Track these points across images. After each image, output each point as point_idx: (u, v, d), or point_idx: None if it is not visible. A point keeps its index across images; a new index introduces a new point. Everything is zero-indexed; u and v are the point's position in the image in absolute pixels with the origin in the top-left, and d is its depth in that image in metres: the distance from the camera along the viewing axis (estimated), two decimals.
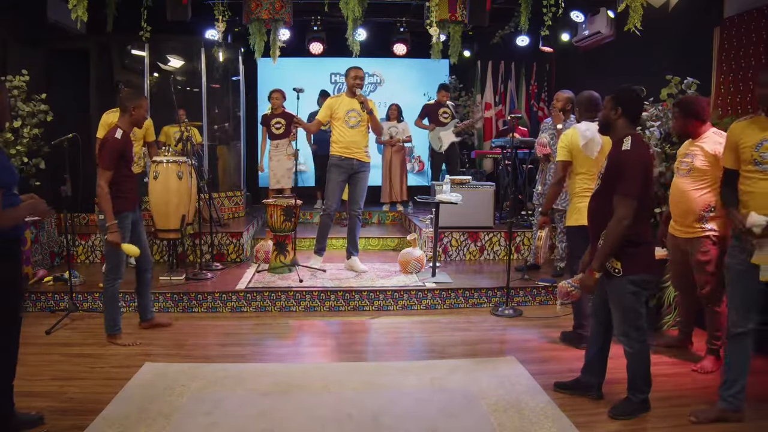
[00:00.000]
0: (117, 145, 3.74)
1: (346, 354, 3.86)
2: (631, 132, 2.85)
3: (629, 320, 2.85)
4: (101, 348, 3.82)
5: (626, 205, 2.72)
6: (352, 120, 5.20)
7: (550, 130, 5.20)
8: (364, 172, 5.33)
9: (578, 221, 3.81)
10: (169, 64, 7.21)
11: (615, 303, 2.89)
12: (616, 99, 2.86)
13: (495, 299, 4.89)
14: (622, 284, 2.82)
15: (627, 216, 2.71)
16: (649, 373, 2.94)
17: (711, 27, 5.15)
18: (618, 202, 2.74)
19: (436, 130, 7.50)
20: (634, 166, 2.74)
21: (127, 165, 3.87)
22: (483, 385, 3.28)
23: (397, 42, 8.28)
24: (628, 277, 2.81)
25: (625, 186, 2.73)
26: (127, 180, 3.87)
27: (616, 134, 2.88)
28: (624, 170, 2.75)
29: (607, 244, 2.78)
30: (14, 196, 2.63)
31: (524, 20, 6.30)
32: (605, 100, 2.92)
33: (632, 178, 2.73)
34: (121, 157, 3.77)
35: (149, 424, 2.79)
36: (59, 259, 5.52)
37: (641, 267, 2.84)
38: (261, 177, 7.77)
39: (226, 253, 5.93)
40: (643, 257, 2.85)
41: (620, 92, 2.88)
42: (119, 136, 3.77)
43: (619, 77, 6.22)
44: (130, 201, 3.88)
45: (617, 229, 2.73)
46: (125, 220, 3.83)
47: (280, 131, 6.99)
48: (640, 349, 2.88)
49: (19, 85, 5.28)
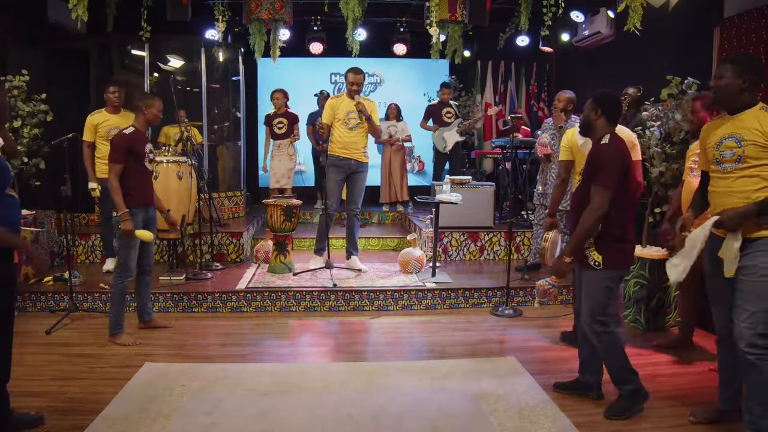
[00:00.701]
0: (123, 140, 3.78)
1: (346, 354, 3.86)
2: (610, 131, 2.94)
3: (596, 312, 2.90)
4: (101, 348, 3.82)
5: (602, 195, 2.79)
6: (351, 121, 5.21)
7: (550, 130, 5.20)
8: (362, 173, 5.35)
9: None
10: (169, 64, 7.21)
11: (587, 294, 2.94)
12: (597, 101, 2.96)
13: (495, 299, 4.89)
14: (599, 278, 2.88)
15: (602, 205, 2.78)
16: (627, 361, 2.94)
17: (711, 27, 5.15)
18: (594, 192, 2.81)
19: (440, 130, 7.50)
20: (611, 159, 2.83)
21: (137, 161, 3.85)
22: (483, 385, 3.28)
23: (397, 42, 8.28)
24: (607, 271, 2.87)
25: (602, 176, 2.81)
26: (138, 176, 3.86)
27: (596, 134, 2.97)
28: (602, 163, 2.84)
29: (580, 231, 2.85)
30: (8, 197, 2.58)
31: (524, 20, 6.31)
32: (586, 103, 3.01)
33: (609, 169, 2.81)
34: (129, 153, 3.79)
35: (149, 424, 2.79)
36: (59, 259, 5.52)
37: (621, 263, 2.93)
38: (261, 177, 7.78)
39: (226, 253, 5.93)
40: (624, 254, 2.93)
41: (600, 95, 2.98)
42: (128, 132, 3.83)
43: (620, 77, 6.25)
44: (141, 197, 3.88)
45: (591, 217, 2.80)
46: (134, 216, 3.81)
47: (282, 131, 7.02)
48: (608, 341, 2.90)
49: (19, 85, 5.28)
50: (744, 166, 2.52)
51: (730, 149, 2.55)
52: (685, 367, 3.61)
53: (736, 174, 2.55)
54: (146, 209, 3.95)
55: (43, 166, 5.42)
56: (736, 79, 2.53)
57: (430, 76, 9.27)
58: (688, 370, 3.58)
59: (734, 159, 2.54)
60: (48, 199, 5.60)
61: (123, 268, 3.87)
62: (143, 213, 3.91)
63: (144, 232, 3.81)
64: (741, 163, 2.52)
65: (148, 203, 3.97)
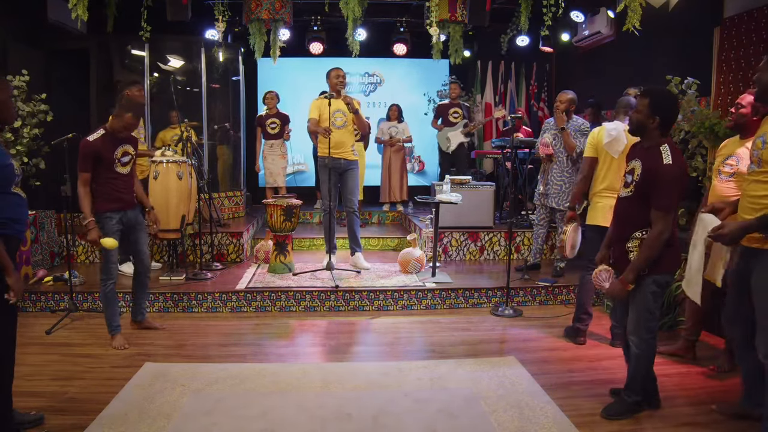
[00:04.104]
0: (89, 148, 3.67)
1: (346, 354, 3.86)
2: (667, 141, 2.79)
3: (644, 320, 2.85)
4: (101, 348, 3.82)
5: (666, 221, 2.71)
6: (338, 121, 5.30)
7: (552, 130, 5.20)
8: (353, 170, 5.45)
9: (595, 220, 3.81)
10: (169, 64, 7.21)
11: (635, 301, 2.88)
12: (655, 103, 2.76)
13: (495, 299, 4.89)
14: (646, 283, 2.82)
15: (666, 230, 2.71)
16: (647, 378, 2.95)
17: (711, 27, 5.15)
18: (657, 217, 2.72)
19: (445, 130, 7.50)
20: (674, 181, 2.70)
21: (107, 167, 3.73)
22: (483, 385, 3.28)
23: (397, 42, 8.28)
24: (653, 276, 2.80)
25: (665, 201, 2.70)
26: (110, 181, 3.76)
27: (649, 140, 2.82)
28: (663, 184, 2.70)
29: (643, 257, 2.75)
30: (11, 195, 2.57)
31: (524, 20, 6.31)
32: (640, 104, 2.81)
33: (671, 192, 2.70)
34: (96, 160, 3.69)
35: (149, 424, 2.79)
36: (59, 259, 5.52)
37: (666, 267, 2.84)
38: (261, 177, 7.80)
39: (226, 253, 5.93)
40: (670, 257, 2.84)
41: (658, 95, 2.79)
42: (92, 138, 3.70)
43: (619, 77, 6.25)
44: (112, 201, 3.77)
45: (656, 244, 2.72)
46: (108, 220, 3.76)
47: (275, 131, 7.23)
48: (646, 351, 2.88)
49: (19, 85, 5.28)
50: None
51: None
52: (687, 367, 3.61)
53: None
54: (123, 213, 3.85)
55: (43, 166, 5.42)
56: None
57: (430, 76, 9.28)
58: (689, 370, 3.58)
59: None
60: (48, 199, 5.59)
61: (104, 273, 3.84)
62: (121, 215, 3.82)
63: (107, 240, 3.69)
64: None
65: (124, 207, 3.85)
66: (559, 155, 5.11)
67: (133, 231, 3.95)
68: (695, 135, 4.56)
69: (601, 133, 3.82)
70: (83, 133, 4.92)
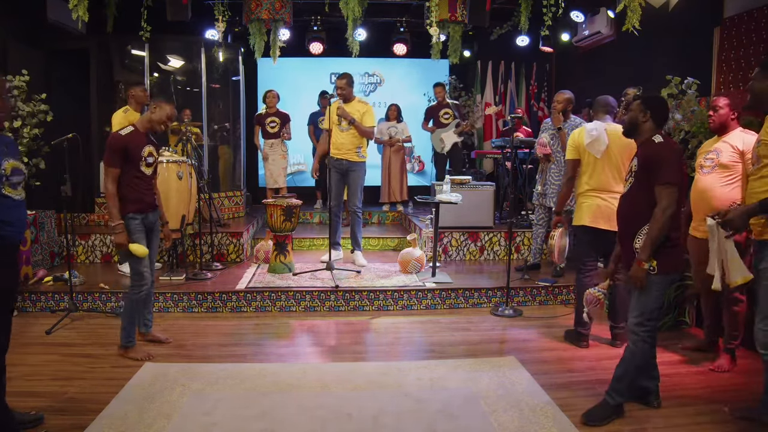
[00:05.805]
0: (119, 142, 3.52)
1: (346, 354, 3.86)
2: (659, 132, 2.89)
3: (645, 316, 2.86)
4: (101, 348, 3.82)
5: (669, 194, 2.73)
6: (343, 123, 5.49)
7: (550, 130, 5.20)
8: (356, 171, 5.59)
9: (581, 220, 3.82)
10: (169, 64, 7.21)
11: (639, 298, 2.89)
12: (646, 104, 2.90)
13: (495, 299, 4.89)
14: (653, 282, 2.83)
15: (670, 204, 2.73)
16: (636, 379, 2.94)
17: (711, 27, 5.15)
18: (660, 192, 2.75)
19: (437, 131, 7.51)
20: (669, 155, 2.78)
21: (133, 164, 3.57)
22: (483, 385, 3.28)
23: (397, 42, 8.29)
24: (661, 276, 2.82)
25: (665, 174, 2.74)
26: (134, 181, 3.58)
27: (642, 136, 2.91)
28: (661, 160, 2.77)
29: (652, 234, 2.77)
30: (5, 198, 2.54)
31: (524, 20, 6.31)
32: (633, 105, 2.94)
33: (670, 165, 2.75)
34: (124, 156, 3.54)
35: (149, 424, 2.79)
36: (59, 259, 5.52)
37: (674, 266, 2.87)
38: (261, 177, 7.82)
39: (226, 253, 5.93)
40: (677, 258, 2.89)
41: (649, 98, 2.94)
42: (123, 133, 3.58)
43: (619, 77, 6.25)
44: (135, 202, 3.59)
45: (662, 219, 2.73)
46: (131, 221, 3.59)
47: (275, 130, 7.24)
48: (642, 349, 2.88)
49: (19, 85, 5.28)
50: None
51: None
52: (689, 367, 3.61)
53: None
54: (145, 215, 3.68)
55: (43, 166, 5.42)
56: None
57: (430, 76, 9.27)
58: (691, 370, 3.57)
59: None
60: (48, 199, 5.59)
61: (136, 277, 3.63)
62: (143, 218, 3.66)
63: (137, 246, 3.53)
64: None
65: (146, 210, 3.68)
66: (556, 155, 5.12)
67: (149, 235, 3.76)
68: (695, 135, 4.55)
69: (582, 134, 3.80)
70: (83, 133, 4.95)
